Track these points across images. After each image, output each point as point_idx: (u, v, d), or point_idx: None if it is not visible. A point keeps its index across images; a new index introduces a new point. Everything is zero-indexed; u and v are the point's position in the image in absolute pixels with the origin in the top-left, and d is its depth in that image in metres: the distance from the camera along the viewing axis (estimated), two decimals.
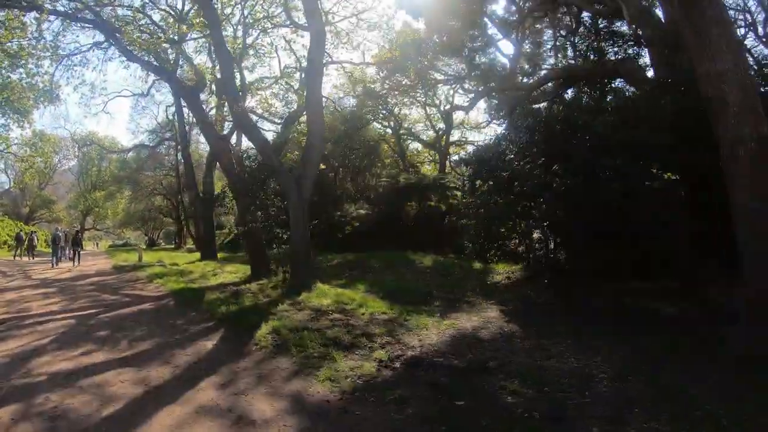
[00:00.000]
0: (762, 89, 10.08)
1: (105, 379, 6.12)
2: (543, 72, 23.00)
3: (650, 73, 15.59)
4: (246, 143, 21.96)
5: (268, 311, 9.65)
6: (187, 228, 42.88)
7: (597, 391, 5.38)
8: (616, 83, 18.45)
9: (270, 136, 25.45)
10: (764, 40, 23.52)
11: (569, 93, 20.32)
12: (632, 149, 10.23)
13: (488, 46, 24.18)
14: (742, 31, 22.70)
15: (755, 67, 12.71)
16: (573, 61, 21.73)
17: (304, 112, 20.21)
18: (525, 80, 23.42)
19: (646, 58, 17.53)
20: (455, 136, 40.86)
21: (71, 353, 7.24)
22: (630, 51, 18.98)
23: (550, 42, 24.12)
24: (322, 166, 21.53)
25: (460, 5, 20.84)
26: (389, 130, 39.27)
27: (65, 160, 59.79)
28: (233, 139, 23.75)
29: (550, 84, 20.51)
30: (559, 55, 23.57)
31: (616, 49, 19.60)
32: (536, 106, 19.74)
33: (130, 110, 56.44)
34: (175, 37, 21.22)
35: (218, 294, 12.06)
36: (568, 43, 22.59)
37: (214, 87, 23.89)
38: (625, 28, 19.08)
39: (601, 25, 20.03)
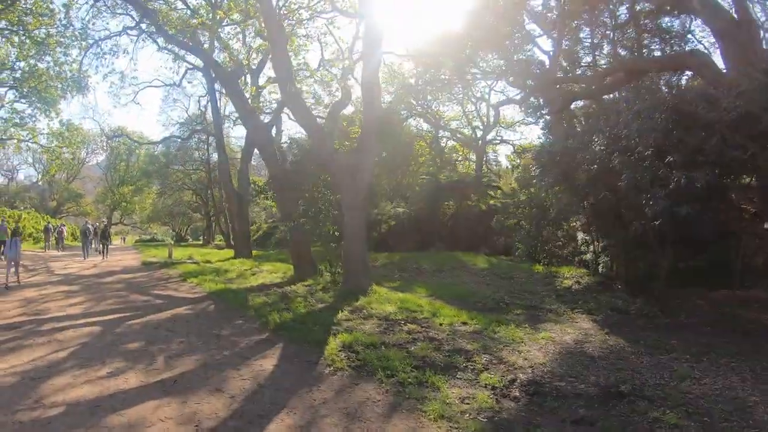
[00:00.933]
0: None
1: (140, 415, 4.52)
2: (580, 69, 23.15)
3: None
4: (286, 134, 20.79)
5: (330, 320, 8.09)
6: (218, 224, 41.66)
7: (761, 419, 4.66)
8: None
9: None
10: None
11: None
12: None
13: (526, 43, 23.86)
14: None
15: None
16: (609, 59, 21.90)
17: (347, 101, 18.73)
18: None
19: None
20: (489, 135, 38.94)
21: (95, 373, 5.65)
22: (675, 47, 19.51)
23: (587, 39, 24.01)
24: None
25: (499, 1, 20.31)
26: (426, 127, 37.68)
27: (93, 154, 59.59)
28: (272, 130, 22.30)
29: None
30: (596, 53, 23.90)
31: (662, 45, 20.10)
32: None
33: (160, 102, 55.70)
34: (209, 22, 19.95)
35: (263, 297, 10.46)
36: (605, 40, 22.80)
37: (248, 78, 22.55)
38: (672, 25, 19.93)
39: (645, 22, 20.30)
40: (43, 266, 17.91)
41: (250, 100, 21.97)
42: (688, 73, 17.51)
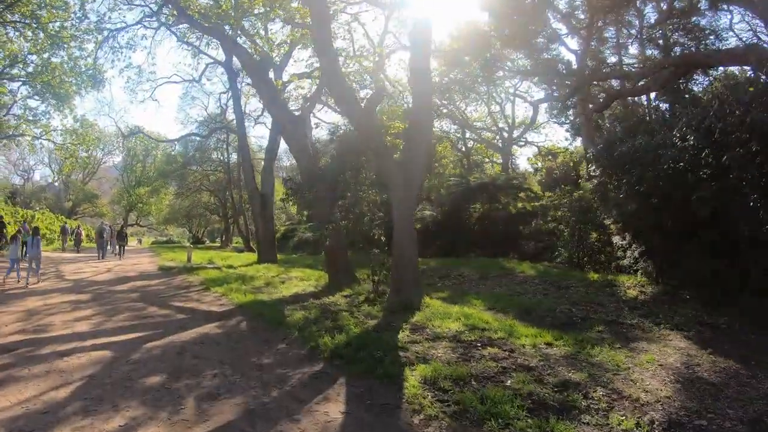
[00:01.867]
0: None
1: None
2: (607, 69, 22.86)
3: None
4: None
5: (392, 342, 6.57)
6: (237, 226, 40.34)
7: None
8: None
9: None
10: None
11: None
12: None
13: (552, 42, 23.12)
14: None
15: None
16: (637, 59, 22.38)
17: (381, 95, 17.14)
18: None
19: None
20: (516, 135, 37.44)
21: (105, 425, 4.08)
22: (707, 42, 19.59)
23: (612, 39, 24.34)
24: None
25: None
26: (454, 127, 36.27)
27: (110, 155, 58.95)
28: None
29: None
30: (622, 52, 24.27)
31: (695, 43, 19.95)
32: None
33: (178, 101, 54.51)
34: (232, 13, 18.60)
35: (301, 311, 8.95)
36: (630, 40, 23.55)
37: (272, 74, 21.10)
38: (703, 23, 19.99)
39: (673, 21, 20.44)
40: (54, 270, 16.56)
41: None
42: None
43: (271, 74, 21.77)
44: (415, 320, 7.80)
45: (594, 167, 16.31)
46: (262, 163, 24.80)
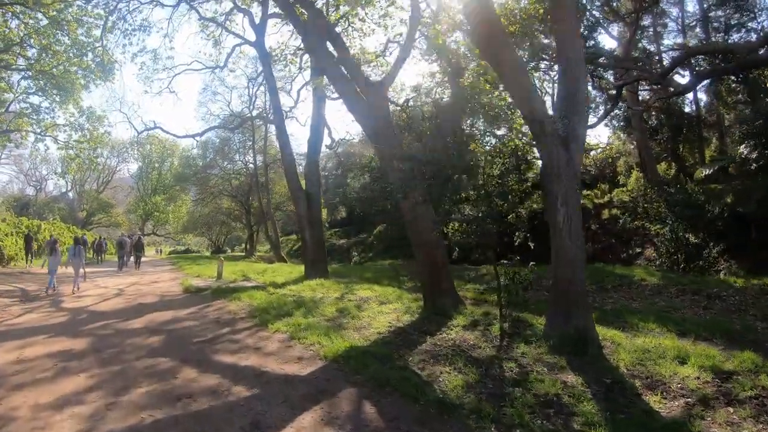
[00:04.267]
0: None
1: None
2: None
3: None
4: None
5: None
6: (265, 232, 36.64)
7: None
8: None
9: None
10: None
11: None
12: None
13: (593, 31, 22.14)
14: None
15: None
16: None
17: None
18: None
19: None
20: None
21: None
22: None
23: (649, 29, 25.05)
24: None
25: None
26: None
27: (124, 163, 56.33)
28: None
29: None
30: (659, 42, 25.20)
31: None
32: None
33: (198, 96, 51.05)
34: None
35: (440, 365, 5.55)
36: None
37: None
38: None
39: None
40: (53, 291, 12.85)
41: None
42: None
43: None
44: (615, 365, 5.41)
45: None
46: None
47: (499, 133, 18.16)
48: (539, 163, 8.39)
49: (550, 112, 7.84)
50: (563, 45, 7.47)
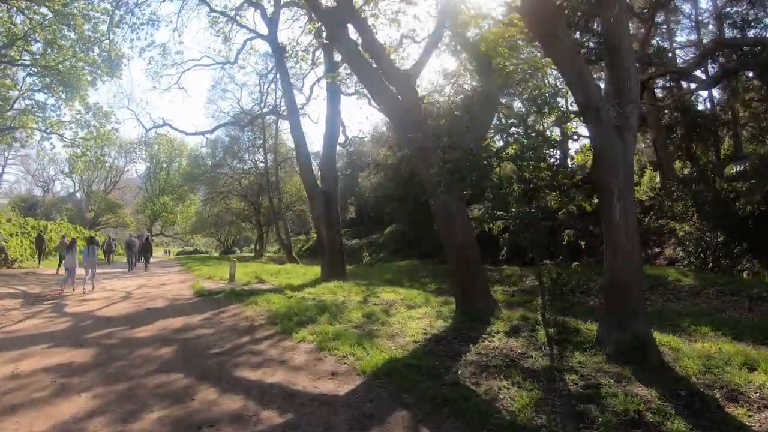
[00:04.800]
0: None
1: None
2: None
3: None
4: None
5: None
6: (276, 232, 35.84)
7: None
8: None
9: None
10: None
11: None
12: None
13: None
14: None
15: None
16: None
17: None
18: None
19: None
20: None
21: None
22: None
23: (662, 26, 25.06)
24: None
25: None
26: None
27: (132, 164, 55.92)
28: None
29: None
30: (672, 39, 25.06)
31: None
32: None
33: (207, 93, 49.97)
34: None
35: (496, 378, 4.91)
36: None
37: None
38: None
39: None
40: (57, 294, 12.15)
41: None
42: None
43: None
44: (683, 374, 4.90)
45: None
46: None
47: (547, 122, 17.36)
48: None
49: None
50: (612, 31, 6.78)
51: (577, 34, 17.93)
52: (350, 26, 10.02)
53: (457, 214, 8.42)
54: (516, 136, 7.10)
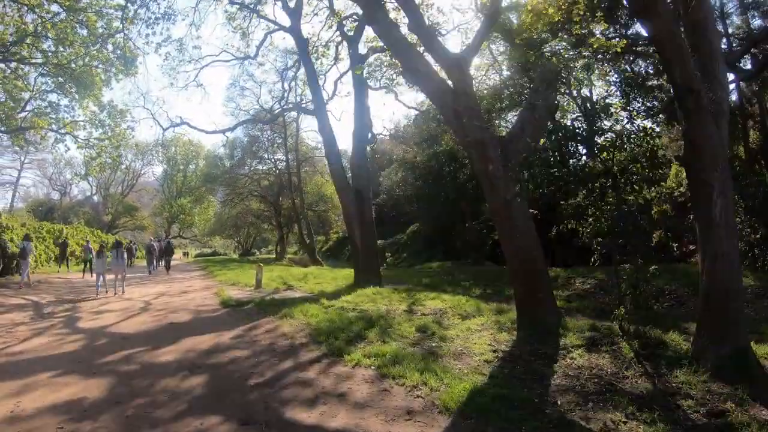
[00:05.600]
0: None
1: None
2: None
3: None
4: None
5: None
6: (299, 233, 34.87)
7: None
8: None
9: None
10: None
11: None
12: None
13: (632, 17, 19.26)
14: None
15: None
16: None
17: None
18: None
19: None
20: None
21: None
22: None
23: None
24: None
25: None
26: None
27: (149, 166, 55.48)
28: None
29: None
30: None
31: None
32: None
33: (225, 92, 49.56)
34: None
35: (612, 411, 4.11)
36: None
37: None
38: None
39: None
40: (69, 305, 11.20)
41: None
42: None
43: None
44: None
45: None
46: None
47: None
48: None
49: None
50: (695, 7, 6.07)
51: None
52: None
53: (519, 215, 7.34)
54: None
